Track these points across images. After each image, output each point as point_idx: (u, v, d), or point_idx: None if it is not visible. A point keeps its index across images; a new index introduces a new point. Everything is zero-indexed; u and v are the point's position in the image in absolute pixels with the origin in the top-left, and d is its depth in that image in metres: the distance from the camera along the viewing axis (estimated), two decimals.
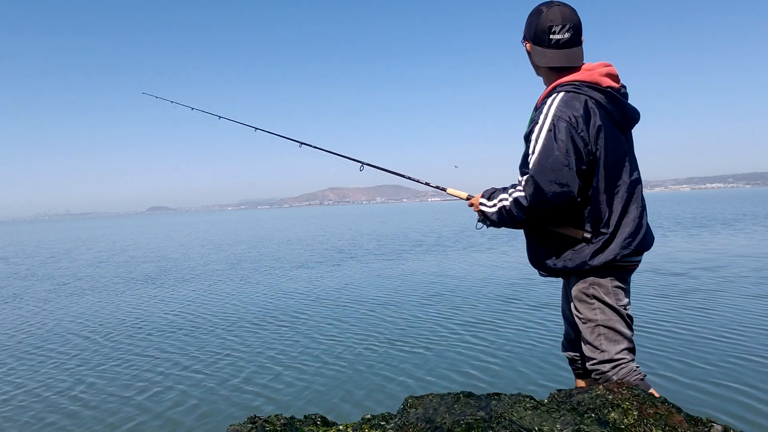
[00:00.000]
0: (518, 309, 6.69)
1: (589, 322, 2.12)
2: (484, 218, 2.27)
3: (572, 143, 1.96)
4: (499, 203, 2.15)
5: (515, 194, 2.08)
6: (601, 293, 2.10)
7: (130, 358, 5.44)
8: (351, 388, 4.20)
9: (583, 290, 2.13)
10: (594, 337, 2.11)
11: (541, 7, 2.11)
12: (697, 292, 7.18)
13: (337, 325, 6.34)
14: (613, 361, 2.08)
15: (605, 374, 2.09)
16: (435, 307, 7.14)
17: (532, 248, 2.26)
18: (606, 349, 2.09)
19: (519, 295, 7.64)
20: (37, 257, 20.34)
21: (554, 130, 1.97)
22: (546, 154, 1.96)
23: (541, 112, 2.05)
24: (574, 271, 2.12)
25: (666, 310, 6.05)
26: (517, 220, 2.10)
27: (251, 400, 4.08)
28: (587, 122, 2.00)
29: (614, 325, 2.09)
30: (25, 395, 4.47)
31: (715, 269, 9.08)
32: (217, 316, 7.27)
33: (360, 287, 9.16)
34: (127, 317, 7.60)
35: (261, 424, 1.85)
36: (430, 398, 1.98)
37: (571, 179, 1.95)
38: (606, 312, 2.10)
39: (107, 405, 4.14)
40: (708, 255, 11.01)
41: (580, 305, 2.15)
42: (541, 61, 2.13)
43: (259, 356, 5.22)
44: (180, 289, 10.14)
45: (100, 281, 11.94)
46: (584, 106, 2.01)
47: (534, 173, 1.99)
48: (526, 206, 2.03)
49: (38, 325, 7.33)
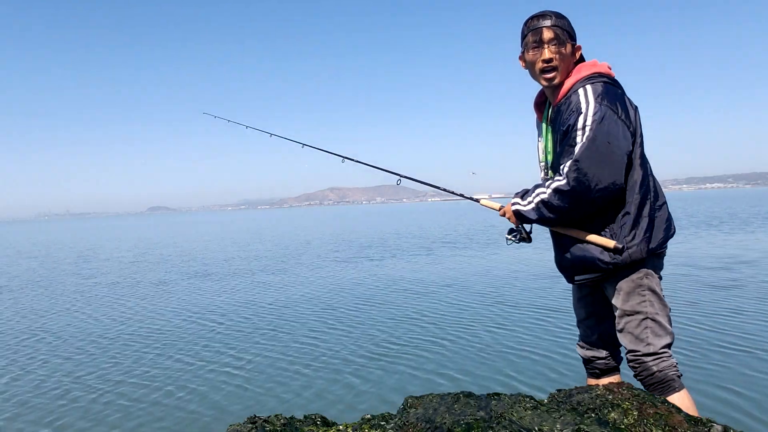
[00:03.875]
0: (518, 309, 6.69)
1: (636, 315, 2.11)
2: (518, 224, 2.26)
3: (617, 127, 1.98)
4: (536, 198, 2.12)
5: (554, 184, 2.06)
6: (653, 284, 2.12)
7: (130, 358, 5.44)
8: (351, 388, 4.20)
9: (637, 281, 2.10)
10: (640, 330, 2.10)
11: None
12: (697, 292, 7.19)
13: (338, 325, 6.34)
14: (656, 354, 2.09)
15: (645, 363, 2.09)
16: (435, 307, 7.14)
17: (571, 249, 2.19)
18: (652, 342, 2.09)
19: (519, 295, 7.63)
20: (70, 256, 20.34)
21: (599, 115, 1.98)
22: (592, 139, 1.97)
23: (576, 104, 2.05)
24: (628, 264, 2.08)
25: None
26: (558, 211, 2.07)
27: (251, 400, 4.08)
28: (624, 107, 2.04)
29: (660, 319, 2.10)
30: (23, 395, 4.47)
31: (725, 268, 9.09)
32: (217, 317, 7.27)
33: (360, 287, 9.16)
34: (127, 317, 7.59)
35: (261, 424, 1.85)
36: (430, 398, 1.98)
37: (618, 164, 1.98)
38: (655, 305, 2.11)
39: (106, 405, 4.14)
40: (714, 254, 11.01)
41: (629, 297, 2.12)
42: (572, 59, 2.18)
43: (259, 356, 5.22)
44: (180, 289, 10.14)
45: (93, 281, 11.94)
46: (617, 92, 2.06)
47: (579, 158, 1.98)
48: (567, 191, 2.01)
49: (28, 324, 7.34)
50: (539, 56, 2.15)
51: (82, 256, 19.84)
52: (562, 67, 2.15)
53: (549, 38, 2.12)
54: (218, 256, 16.64)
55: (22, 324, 7.46)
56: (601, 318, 2.35)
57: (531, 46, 2.16)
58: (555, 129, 2.19)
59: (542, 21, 2.14)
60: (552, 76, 2.16)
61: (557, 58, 2.13)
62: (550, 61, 2.13)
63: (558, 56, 2.13)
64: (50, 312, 8.32)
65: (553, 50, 2.13)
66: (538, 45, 2.15)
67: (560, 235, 2.25)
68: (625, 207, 2.08)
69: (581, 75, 2.12)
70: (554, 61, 2.13)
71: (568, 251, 2.21)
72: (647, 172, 2.12)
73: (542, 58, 2.14)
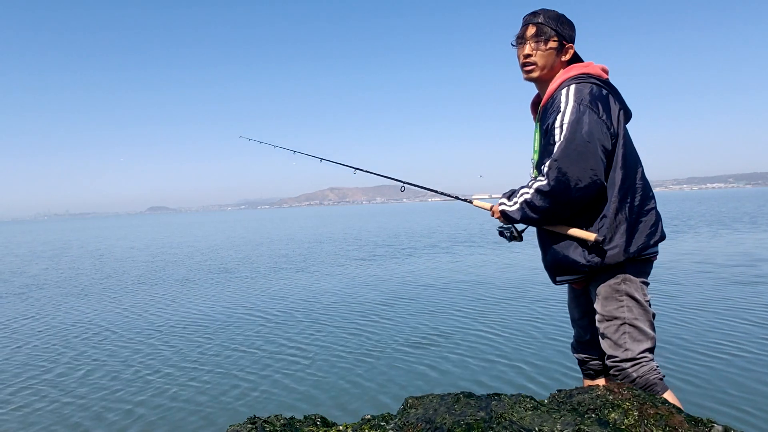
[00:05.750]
0: (518, 309, 6.69)
1: (615, 320, 2.10)
2: (505, 224, 2.27)
3: (596, 126, 1.98)
4: (520, 198, 2.13)
5: (536, 184, 2.06)
6: (632, 289, 2.09)
7: (130, 357, 5.44)
8: (351, 389, 4.20)
9: (614, 286, 2.10)
10: (618, 336, 2.10)
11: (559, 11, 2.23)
12: (699, 291, 7.18)
13: (337, 326, 6.34)
14: (635, 360, 2.08)
15: (625, 371, 2.08)
16: (435, 307, 7.14)
17: (551, 250, 2.20)
18: (630, 347, 2.08)
19: (519, 295, 7.63)
20: (83, 256, 20.36)
21: (577, 114, 1.99)
22: (570, 139, 1.97)
23: (558, 103, 2.06)
24: (605, 268, 2.08)
25: (668, 309, 6.10)
26: (540, 211, 2.07)
27: (251, 400, 4.08)
28: (607, 107, 2.04)
29: (640, 324, 2.09)
30: (23, 393, 4.48)
31: (725, 268, 9.08)
32: (217, 317, 7.28)
33: (359, 287, 9.17)
34: (127, 317, 7.60)
35: (261, 425, 1.85)
36: (430, 398, 1.98)
37: (596, 162, 1.97)
38: (634, 310, 2.09)
39: (106, 404, 4.14)
40: (715, 254, 11.01)
41: (607, 302, 2.12)
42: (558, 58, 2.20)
43: (259, 356, 5.22)
44: (180, 289, 10.14)
45: (90, 282, 11.95)
46: (600, 93, 2.06)
47: (557, 157, 1.98)
48: (548, 192, 2.01)
49: (29, 325, 7.34)
50: (521, 51, 2.22)
51: (96, 256, 19.85)
52: (541, 63, 2.19)
53: (530, 34, 2.18)
54: (218, 257, 16.65)
55: (26, 325, 7.48)
56: (594, 319, 2.35)
57: (517, 41, 2.23)
58: (541, 128, 2.20)
59: (530, 18, 2.20)
60: (530, 70, 2.21)
61: (536, 54, 2.17)
62: (529, 56, 2.19)
63: (537, 52, 2.17)
64: (48, 311, 8.34)
65: (533, 46, 2.17)
66: (521, 41, 2.21)
67: (544, 236, 2.25)
68: (603, 209, 2.06)
69: (569, 75, 2.13)
70: (533, 56, 2.18)
71: (549, 252, 2.22)
72: (630, 175, 2.08)
73: (523, 53, 2.21)
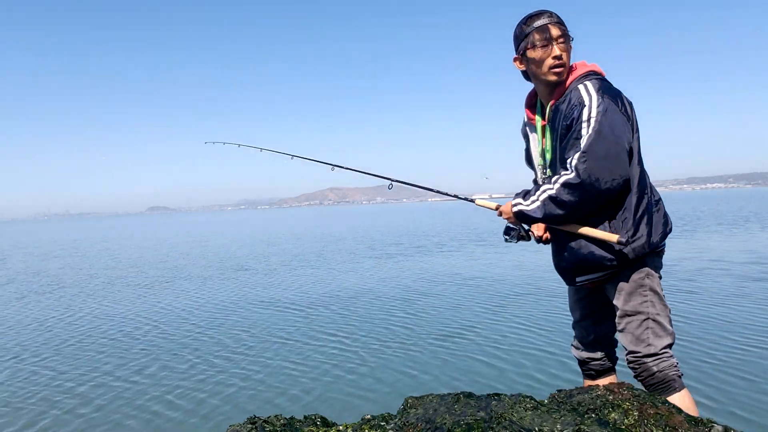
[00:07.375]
0: (518, 309, 6.68)
1: (638, 315, 2.11)
2: (518, 224, 2.27)
3: (621, 119, 2.01)
4: (542, 195, 2.10)
5: (562, 178, 2.04)
6: (654, 284, 2.12)
7: (130, 357, 5.44)
8: (351, 389, 4.20)
9: (638, 281, 2.10)
10: (641, 331, 2.10)
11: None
12: (700, 291, 7.18)
13: (337, 326, 6.34)
14: (656, 355, 2.09)
15: (645, 364, 2.09)
16: (435, 307, 7.14)
17: (572, 250, 2.17)
18: (652, 343, 2.08)
19: (519, 295, 7.63)
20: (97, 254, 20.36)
21: (603, 107, 2.00)
22: (599, 131, 1.98)
23: (578, 98, 2.06)
24: (629, 262, 2.09)
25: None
26: (568, 206, 2.05)
27: (251, 400, 4.08)
28: (623, 102, 2.07)
29: (661, 320, 2.10)
30: (22, 392, 4.48)
31: (727, 268, 9.08)
32: (217, 317, 7.28)
33: (359, 287, 9.17)
34: (127, 317, 7.60)
35: (261, 425, 1.85)
36: (430, 398, 1.98)
37: (624, 155, 2.00)
38: (656, 305, 2.10)
39: (106, 404, 4.14)
40: (717, 254, 11.00)
41: (631, 297, 2.11)
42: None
43: (259, 356, 5.22)
44: (180, 289, 10.14)
45: (93, 281, 11.95)
46: (615, 89, 2.09)
47: (587, 149, 1.98)
48: (578, 184, 2.00)
49: (21, 324, 7.34)
50: (549, 53, 2.13)
51: (109, 254, 19.84)
52: (568, 65, 2.17)
53: (557, 35, 2.13)
54: (218, 258, 16.65)
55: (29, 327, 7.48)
56: (598, 319, 2.34)
57: (539, 44, 2.14)
58: (554, 127, 2.18)
59: (547, 19, 2.15)
60: (561, 71, 2.16)
61: (566, 55, 2.15)
62: (560, 57, 2.14)
63: (566, 53, 2.15)
64: (46, 311, 8.34)
65: (563, 47, 2.14)
66: (547, 42, 2.13)
67: (560, 236, 2.23)
68: (625, 203, 2.08)
69: (578, 73, 2.15)
70: (564, 57, 2.15)
71: (570, 252, 2.18)
72: (643, 168, 2.14)
73: (553, 54, 2.13)
